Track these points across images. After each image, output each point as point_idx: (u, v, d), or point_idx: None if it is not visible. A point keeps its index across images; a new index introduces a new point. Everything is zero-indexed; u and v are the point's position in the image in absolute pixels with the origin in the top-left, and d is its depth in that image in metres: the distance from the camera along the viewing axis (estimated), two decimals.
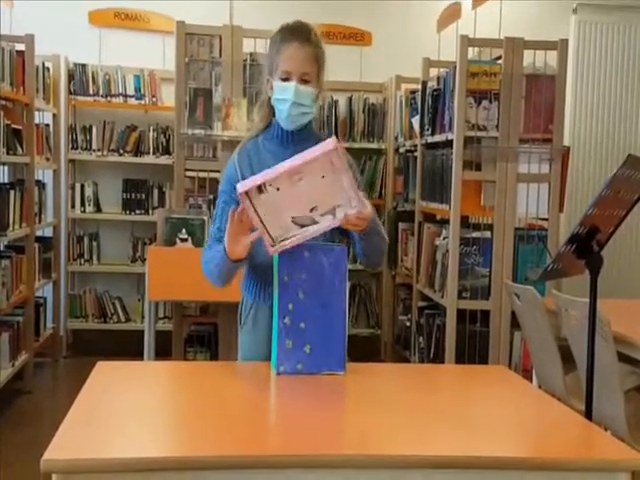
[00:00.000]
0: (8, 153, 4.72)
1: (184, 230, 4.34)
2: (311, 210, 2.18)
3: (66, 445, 1.69)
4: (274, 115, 2.41)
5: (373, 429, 1.90)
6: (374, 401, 2.12)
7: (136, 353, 4.40)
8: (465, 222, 4.52)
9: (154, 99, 6.01)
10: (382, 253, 2.46)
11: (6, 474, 3.67)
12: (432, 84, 5.00)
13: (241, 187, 2.12)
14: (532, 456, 1.80)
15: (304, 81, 2.32)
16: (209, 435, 1.82)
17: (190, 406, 2.08)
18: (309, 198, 2.17)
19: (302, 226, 2.20)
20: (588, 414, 2.37)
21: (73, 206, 6.03)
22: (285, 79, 2.32)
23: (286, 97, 2.32)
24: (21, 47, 5.08)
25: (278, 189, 2.13)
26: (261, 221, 2.18)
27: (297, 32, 2.33)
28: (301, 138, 2.39)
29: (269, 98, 2.41)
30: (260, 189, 2.12)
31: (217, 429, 1.86)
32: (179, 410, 2.07)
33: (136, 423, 1.89)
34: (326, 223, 2.20)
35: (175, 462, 1.66)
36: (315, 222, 2.20)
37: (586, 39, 6.36)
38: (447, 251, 4.47)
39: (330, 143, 2.11)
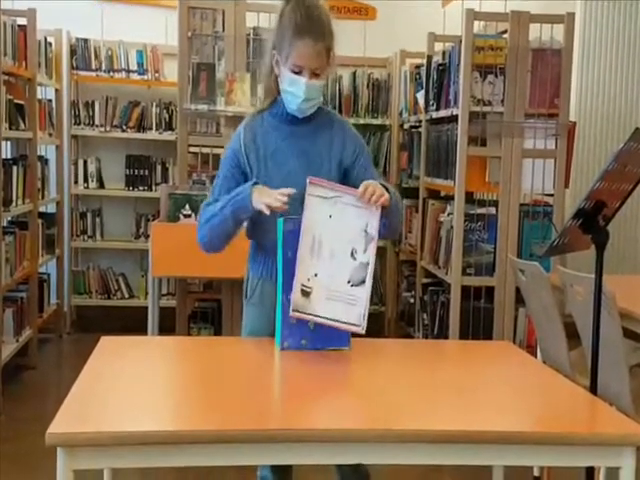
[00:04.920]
0: (11, 128, 4.70)
1: (187, 206, 4.32)
2: (353, 256, 2.21)
3: (70, 419, 1.69)
4: (279, 91, 2.40)
5: (378, 404, 1.90)
6: (379, 376, 2.12)
7: (140, 329, 4.40)
8: (470, 198, 4.50)
9: (157, 74, 5.97)
10: (402, 215, 2.49)
11: (11, 448, 3.69)
12: (437, 59, 4.95)
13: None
14: (537, 430, 1.80)
15: (315, 75, 2.33)
16: (212, 409, 1.82)
17: (193, 381, 2.08)
18: (339, 248, 2.20)
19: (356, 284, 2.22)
20: (593, 390, 2.36)
21: (76, 182, 6.01)
22: (296, 72, 2.32)
23: (297, 93, 2.33)
24: (23, 21, 5.03)
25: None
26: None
27: (312, 23, 2.30)
28: (306, 117, 2.42)
29: (275, 73, 2.39)
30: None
31: (220, 404, 1.85)
32: (182, 385, 2.07)
33: (140, 397, 1.89)
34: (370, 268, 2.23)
35: (178, 436, 1.66)
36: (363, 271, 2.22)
37: (592, 13, 6.29)
38: (451, 227, 4.46)
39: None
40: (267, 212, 2.23)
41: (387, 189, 2.26)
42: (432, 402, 1.95)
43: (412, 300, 5.43)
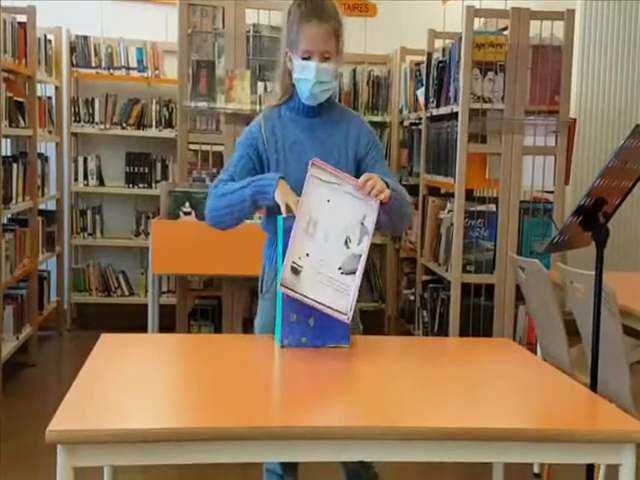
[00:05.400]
0: (11, 126, 4.70)
1: (187, 204, 4.31)
2: (347, 244, 2.21)
3: (70, 416, 1.69)
4: (294, 87, 2.43)
5: (378, 401, 1.90)
6: (379, 374, 2.12)
7: (140, 327, 4.39)
8: (470, 195, 4.49)
9: (157, 72, 5.96)
10: (408, 217, 2.47)
11: (11, 446, 3.68)
12: (437, 56, 4.95)
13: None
14: (538, 428, 1.80)
15: (325, 58, 2.35)
16: (212, 407, 1.81)
17: (194, 378, 2.08)
18: (334, 233, 2.20)
19: (348, 273, 2.23)
20: (593, 387, 2.36)
21: (76, 179, 6.01)
22: (306, 58, 2.35)
23: (308, 77, 2.36)
24: (23, 19, 5.03)
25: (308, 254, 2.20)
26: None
27: (317, 9, 2.34)
28: (322, 109, 2.45)
29: (289, 70, 2.41)
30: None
31: (221, 401, 1.85)
32: (183, 382, 2.07)
33: (140, 395, 1.89)
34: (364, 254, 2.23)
35: (179, 433, 1.66)
36: (356, 259, 2.22)
37: (593, 10, 6.29)
38: (452, 225, 4.45)
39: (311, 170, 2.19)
40: (284, 212, 2.25)
41: (388, 185, 2.26)
42: (432, 399, 1.95)
43: (412, 297, 5.43)
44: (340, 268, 2.21)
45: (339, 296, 2.20)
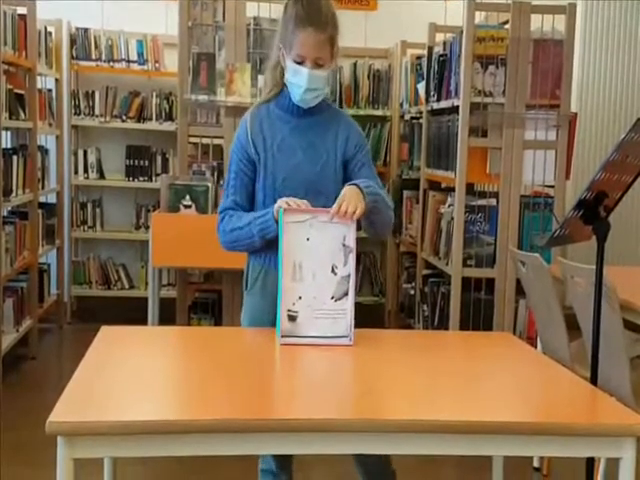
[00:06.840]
0: (11, 118, 4.69)
1: (188, 197, 4.31)
2: (334, 271, 2.23)
3: (70, 408, 1.69)
4: (285, 82, 2.41)
5: (378, 394, 1.90)
6: (379, 367, 2.12)
7: (140, 320, 4.39)
8: (470, 189, 4.49)
9: (157, 64, 5.95)
10: (389, 223, 2.46)
11: (11, 438, 3.69)
12: (438, 49, 4.93)
13: None
14: (537, 421, 1.80)
15: (318, 65, 2.34)
16: (212, 399, 1.81)
17: (194, 370, 2.08)
18: (320, 267, 2.23)
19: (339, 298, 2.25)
20: (593, 381, 2.36)
21: (76, 172, 6.01)
22: (299, 62, 2.33)
23: (300, 83, 2.34)
24: (23, 11, 5.02)
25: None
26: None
27: (313, 15, 2.31)
28: (312, 108, 2.43)
29: (281, 65, 2.39)
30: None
31: (220, 393, 1.85)
32: (182, 374, 2.07)
33: (140, 387, 1.89)
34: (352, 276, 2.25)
35: (178, 425, 1.66)
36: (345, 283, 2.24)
37: (594, 4, 6.27)
38: (452, 219, 4.45)
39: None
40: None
41: (362, 191, 2.26)
42: (432, 392, 1.95)
43: (412, 292, 5.42)
44: (332, 297, 2.24)
45: (337, 322, 2.25)
